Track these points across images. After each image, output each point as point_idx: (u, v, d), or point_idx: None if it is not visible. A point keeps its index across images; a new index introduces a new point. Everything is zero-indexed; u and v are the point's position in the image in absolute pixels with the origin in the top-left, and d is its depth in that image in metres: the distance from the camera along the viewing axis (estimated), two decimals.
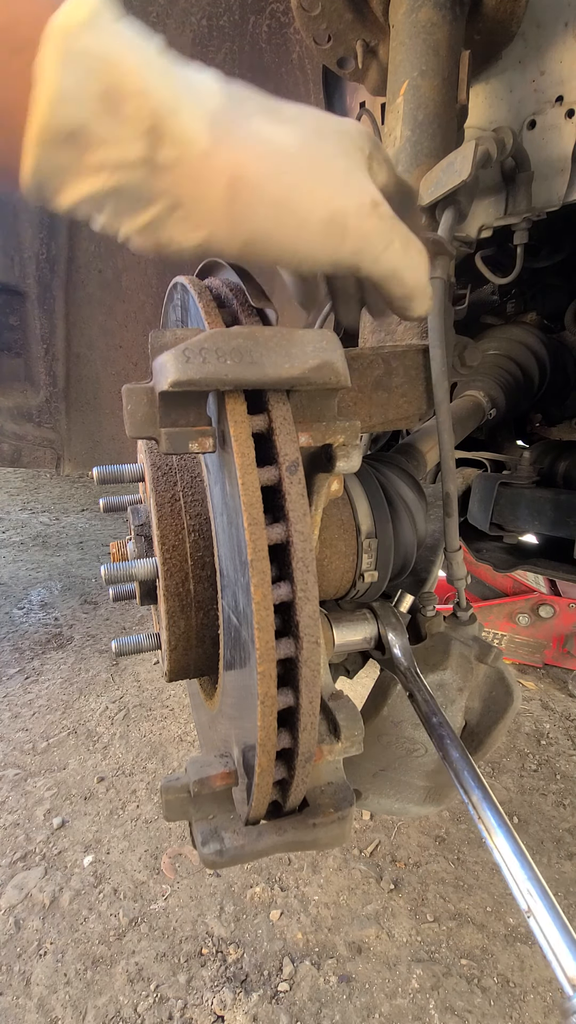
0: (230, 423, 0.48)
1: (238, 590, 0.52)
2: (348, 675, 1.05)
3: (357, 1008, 1.47)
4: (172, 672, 0.73)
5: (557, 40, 1.04)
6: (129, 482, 0.76)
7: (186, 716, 2.60)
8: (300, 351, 0.49)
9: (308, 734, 0.51)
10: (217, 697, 0.73)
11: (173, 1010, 1.44)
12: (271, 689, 0.48)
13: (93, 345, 1.66)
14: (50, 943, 1.60)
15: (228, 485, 0.51)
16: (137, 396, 0.49)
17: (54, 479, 6.74)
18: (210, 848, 0.57)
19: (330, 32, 1.08)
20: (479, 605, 3.05)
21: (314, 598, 0.48)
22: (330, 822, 0.59)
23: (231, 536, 0.53)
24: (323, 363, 0.49)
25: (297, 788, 0.55)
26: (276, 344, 0.48)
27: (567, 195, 1.08)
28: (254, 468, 0.47)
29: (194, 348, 0.46)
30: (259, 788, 0.52)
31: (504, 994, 1.52)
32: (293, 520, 0.48)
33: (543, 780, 2.31)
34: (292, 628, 0.49)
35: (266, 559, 0.46)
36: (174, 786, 0.58)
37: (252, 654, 0.47)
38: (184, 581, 0.67)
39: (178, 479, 0.70)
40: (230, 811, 0.60)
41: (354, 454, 0.54)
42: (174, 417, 0.49)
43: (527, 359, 1.57)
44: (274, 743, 0.50)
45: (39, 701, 2.71)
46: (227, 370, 0.46)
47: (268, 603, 0.46)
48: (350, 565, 0.82)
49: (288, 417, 0.50)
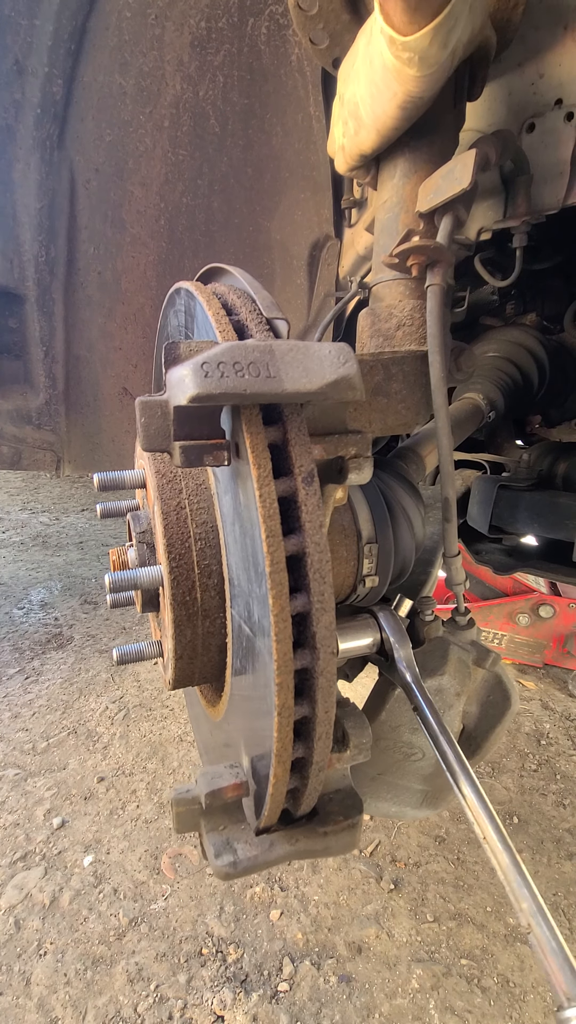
0: (246, 435, 0.47)
1: (252, 600, 0.52)
2: (347, 679, 1.06)
3: (357, 1008, 1.47)
4: (176, 681, 0.73)
5: (556, 43, 1.04)
6: (130, 488, 0.76)
7: (186, 716, 2.61)
8: (318, 366, 0.49)
9: (323, 743, 0.51)
10: (222, 705, 0.73)
11: (173, 1010, 1.45)
12: (288, 700, 0.48)
13: (92, 347, 1.66)
14: (50, 943, 1.60)
15: (242, 496, 0.51)
16: (151, 409, 0.48)
17: (54, 480, 6.74)
18: (223, 860, 0.57)
19: (327, 32, 1.08)
20: (479, 605, 3.06)
21: (331, 609, 0.48)
22: (341, 830, 0.59)
23: (244, 546, 0.53)
24: (341, 378, 0.49)
25: (309, 796, 0.55)
26: (294, 359, 0.48)
27: (566, 198, 1.07)
28: (271, 480, 0.47)
29: (212, 362, 0.45)
30: (273, 798, 0.53)
31: (504, 994, 1.52)
32: (310, 531, 0.48)
33: (543, 780, 2.31)
34: (308, 639, 0.49)
35: (284, 571, 0.46)
36: (185, 798, 0.58)
37: (268, 664, 0.47)
38: (191, 590, 0.67)
39: (183, 487, 0.70)
40: (240, 821, 0.60)
41: (366, 466, 0.55)
42: (188, 430, 0.49)
43: (526, 361, 1.57)
44: (290, 753, 0.50)
45: (39, 701, 2.71)
46: (246, 385, 0.46)
47: (286, 615, 0.46)
48: (351, 570, 0.82)
49: (303, 429, 0.50)
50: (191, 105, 1.48)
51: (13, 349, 1.58)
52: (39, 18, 1.25)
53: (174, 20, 1.37)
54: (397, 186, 1.00)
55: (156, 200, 1.57)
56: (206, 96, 1.48)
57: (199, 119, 1.50)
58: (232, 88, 1.48)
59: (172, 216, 1.60)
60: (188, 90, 1.46)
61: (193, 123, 1.50)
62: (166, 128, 1.49)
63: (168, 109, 1.47)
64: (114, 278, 1.61)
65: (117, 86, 1.40)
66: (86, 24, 1.29)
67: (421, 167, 0.97)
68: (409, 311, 0.97)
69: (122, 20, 1.33)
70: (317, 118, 1.55)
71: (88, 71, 1.35)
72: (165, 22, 1.36)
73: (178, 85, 1.44)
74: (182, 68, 1.43)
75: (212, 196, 1.61)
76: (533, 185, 1.10)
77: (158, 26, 1.36)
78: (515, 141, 1.03)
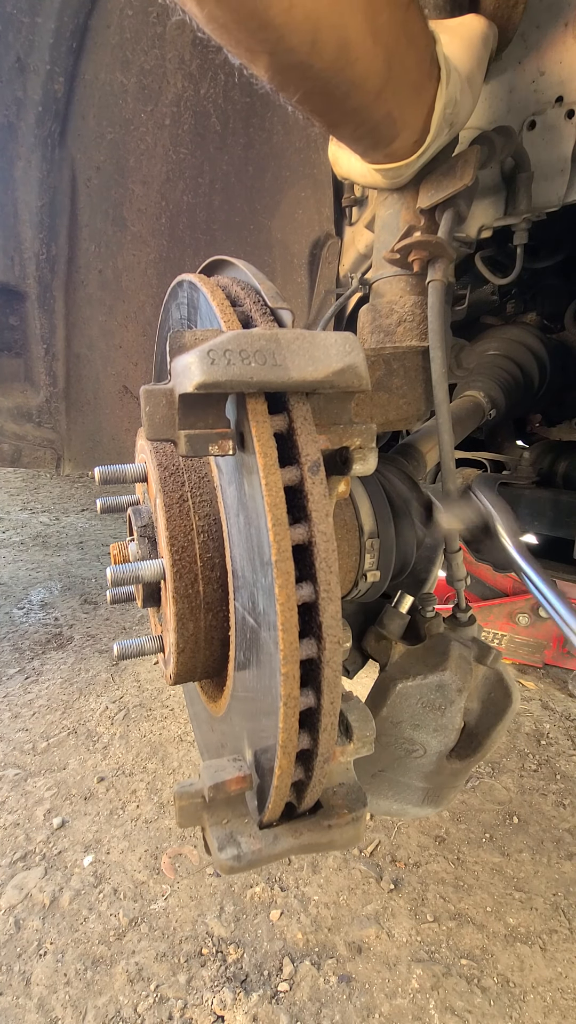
0: (251, 423, 0.47)
1: (257, 591, 0.52)
2: (348, 675, 1.06)
3: (357, 1008, 1.47)
4: (178, 675, 0.73)
5: (557, 41, 1.04)
6: (131, 482, 0.76)
7: (186, 716, 2.60)
8: (324, 354, 0.49)
9: (328, 735, 0.51)
10: (224, 700, 0.72)
11: (173, 1010, 1.44)
12: (294, 690, 0.47)
13: (93, 345, 1.66)
14: (50, 943, 1.60)
15: (247, 486, 0.51)
16: (156, 398, 0.48)
17: (54, 479, 6.74)
18: (228, 854, 0.56)
19: None
20: (479, 605, 3.05)
21: (337, 599, 0.48)
22: (345, 823, 0.59)
23: (249, 537, 0.53)
24: (347, 367, 0.49)
25: (313, 789, 0.55)
26: (299, 347, 0.48)
27: (567, 195, 1.08)
28: (277, 468, 0.47)
29: (218, 350, 0.45)
30: (277, 790, 0.52)
31: (504, 994, 1.52)
32: (316, 520, 0.48)
33: (543, 780, 2.31)
34: (314, 629, 0.49)
35: (290, 560, 0.46)
36: (188, 792, 0.57)
37: (274, 655, 0.47)
38: (194, 583, 0.67)
39: (185, 479, 0.70)
40: (243, 815, 0.60)
41: (370, 457, 0.54)
42: (193, 419, 0.49)
43: (527, 359, 1.57)
44: (295, 744, 0.49)
45: (39, 701, 2.71)
46: (252, 372, 0.45)
47: (292, 604, 0.46)
48: (352, 564, 0.82)
49: (309, 417, 0.50)
50: (192, 103, 1.48)
51: (14, 347, 1.58)
52: (41, 16, 1.25)
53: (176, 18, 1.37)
54: None
55: (157, 198, 1.57)
56: (207, 94, 1.48)
57: (200, 117, 1.50)
58: (233, 86, 1.49)
59: (173, 214, 1.60)
60: (189, 88, 1.46)
61: (194, 121, 1.50)
62: (167, 126, 1.49)
63: (169, 107, 1.47)
64: (115, 276, 1.61)
65: (119, 84, 1.40)
66: (88, 22, 1.30)
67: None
68: (410, 307, 0.97)
69: (124, 18, 1.33)
70: None
71: (90, 69, 1.35)
72: (167, 20, 1.36)
73: (179, 83, 1.45)
74: (183, 66, 1.43)
75: (213, 194, 1.61)
76: (534, 183, 1.11)
77: (160, 24, 1.36)
78: (516, 138, 1.03)
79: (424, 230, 0.93)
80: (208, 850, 0.58)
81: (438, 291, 0.87)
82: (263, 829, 0.58)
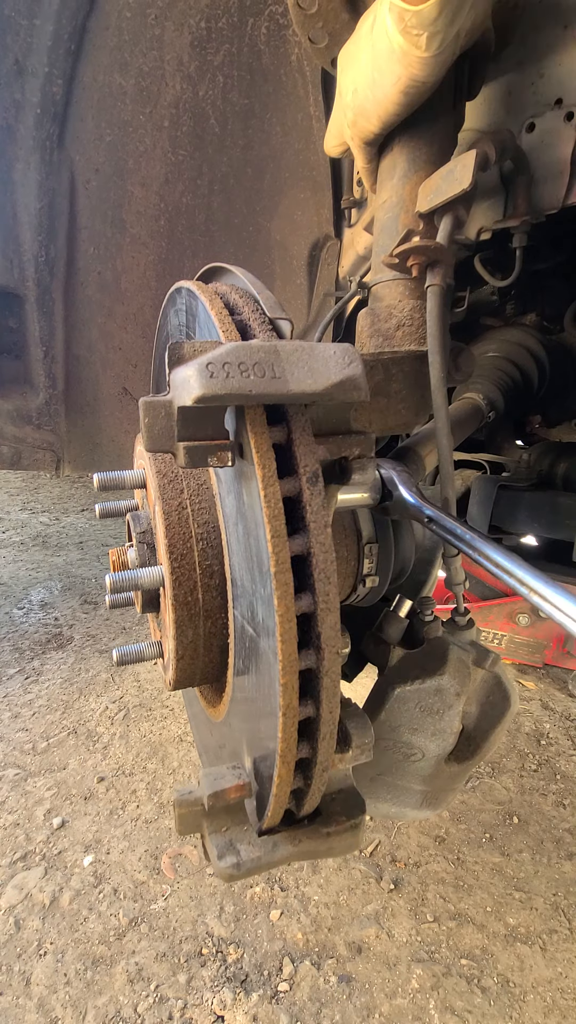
0: (251, 435, 0.47)
1: (256, 601, 0.52)
2: (346, 679, 1.06)
3: (357, 1008, 1.47)
4: (177, 682, 0.73)
5: (556, 43, 1.04)
6: (131, 488, 0.76)
7: (186, 717, 2.61)
8: (323, 366, 0.49)
9: (327, 744, 0.51)
10: (223, 706, 0.72)
11: (173, 1010, 1.45)
12: (293, 700, 0.48)
13: (92, 347, 1.66)
14: (50, 943, 1.60)
15: (246, 495, 0.51)
16: (155, 410, 0.48)
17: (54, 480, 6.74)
18: (227, 861, 0.56)
19: (327, 31, 1.08)
20: (479, 605, 3.06)
21: (335, 609, 0.48)
22: (344, 830, 0.59)
23: (248, 547, 0.53)
24: (346, 379, 0.49)
25: (312, 797, 0.55)
26: (299, 359, 0.48)
27: (566, 197, 1.07)
28: (276, 480, 0.47)
29: (217, 362, 0.45)
30: (276, 798, 0.52)
31: (504, 994, 1.52)
32: (314, 531, 0.48)
33: (543, 780, 2.31)
34: (313, 639, 0.49)
35: (289, 571, 0.46)
36: (187, 800, 0.57)
37: (273, 665, 0.47)
38: (193, 590, 0.67)
39: (184, 487, 0.70)
40: (243, 822, 0.60)
41: (369, 467, 0.54)
42: (192, 431, 0.49)
43: (526, 361, 1.57)
44: (294, 753, 0.50)
45: (39, 701, 2.71)
46: (251, 385, 0.45)
47: (291, 615, 0.46)
48: (351, 570, 0.83)
49: (308, 428, 0.50)
50: (191, 105, 1.48)
51: (13, 349, 1.58)
52: (39, 18, 1.25)
53: (174, 20, 1.37)
54: (397, 186, 1.00)
55: (156, 200, 1.57)
56: (206, 96, 1.48)
57: (199, 119, 1.50)
58: (232, 88, 1.48)
59: (172, 216, 1.60)
60: (188, 90, 1.46)
61: (193, 123, 1.50)
62: (166, 128, 1.49)
63: (168, 109, 1.47)
64: (114, 278, 1.61)
65: (117, 86, 1.40)
66: (86, 24, 1.29)
67: (421, 167, 0.97)
68: (409, 311, 0.97)
69: (122, 20, 1.33)
70: (317, 118, 1.55)
71: (88, 71, 1.35)
72: (165, 22, 1.36)
73: (178, 85, 1.44)
74: (182, 68, 1.43)
75: (212, 196, 1.61)
76: (533, 185, 1.10)
77: (158, 26, 1.36)
78: (515, 141, 1.03)
79: (423, 234, 0.93)
80: (207, 858, 0.58)
81: (437, 295, 0.86)
82: (262, 836, 0.58)
